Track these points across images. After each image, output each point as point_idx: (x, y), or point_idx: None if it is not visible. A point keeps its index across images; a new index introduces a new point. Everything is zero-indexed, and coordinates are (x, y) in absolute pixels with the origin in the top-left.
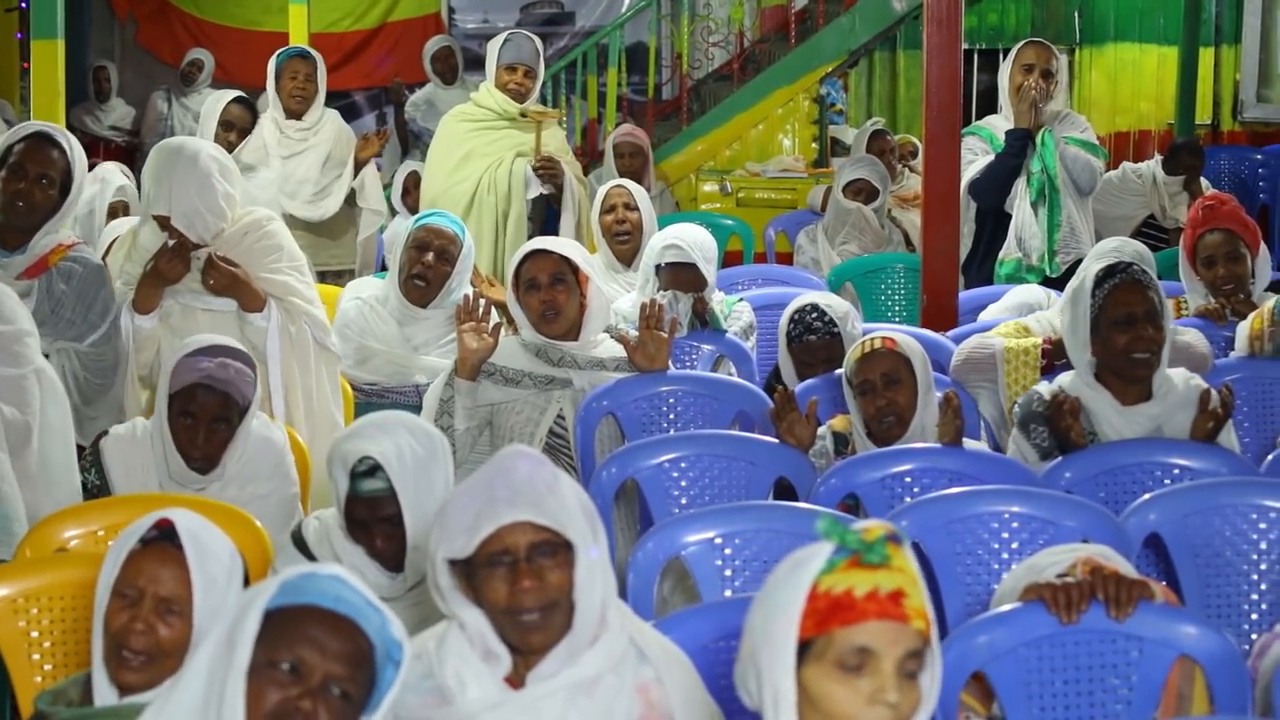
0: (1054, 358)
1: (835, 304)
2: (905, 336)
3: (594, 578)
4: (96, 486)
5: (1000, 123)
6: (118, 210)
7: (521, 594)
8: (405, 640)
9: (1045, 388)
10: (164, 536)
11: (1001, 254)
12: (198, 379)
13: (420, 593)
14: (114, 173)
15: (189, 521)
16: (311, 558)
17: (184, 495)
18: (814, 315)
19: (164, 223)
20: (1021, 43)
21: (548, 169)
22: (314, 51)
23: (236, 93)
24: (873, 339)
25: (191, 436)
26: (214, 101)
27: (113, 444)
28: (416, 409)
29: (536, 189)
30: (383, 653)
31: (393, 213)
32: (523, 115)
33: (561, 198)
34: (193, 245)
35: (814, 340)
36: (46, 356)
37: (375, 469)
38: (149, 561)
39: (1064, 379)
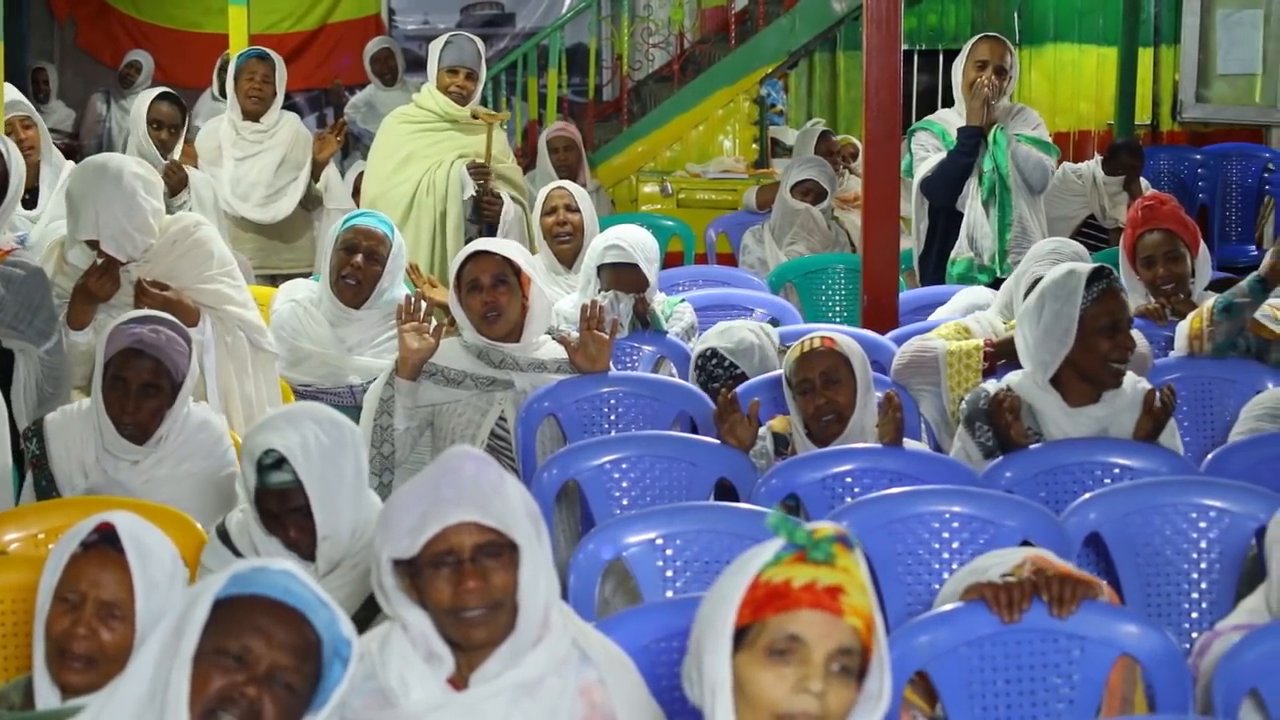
0: (996, 360)
1: (738, 340)
2: (844, 336)
3: (538, 579)
4: (36, 456)
5: (952, 118)
6: None
7: (466, 594)
8: (354, 639)
9: (993, 386)
10: (105, 540)
11: (953, 253)
12: (129, 343)
13: (335, 579)
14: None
15: (130, 524)
16: (236, 551)
17: (123, 499)
18: (714, 363)
19: (93, 244)
20: (975, 38)
21: (480, 172)
22: (273, 53)
23: (161, 89)
24: (812, 338)
25: (122, 403)
26: (140, 102)
27: (56, 418)
28: (351, 410)
29: (470, 190)
30: (330, 649)
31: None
32: (474, 117)
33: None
34: (122, 263)
35: (719, 386)
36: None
37: (281, 461)
38: (90, 565)
39: (1013, 378)
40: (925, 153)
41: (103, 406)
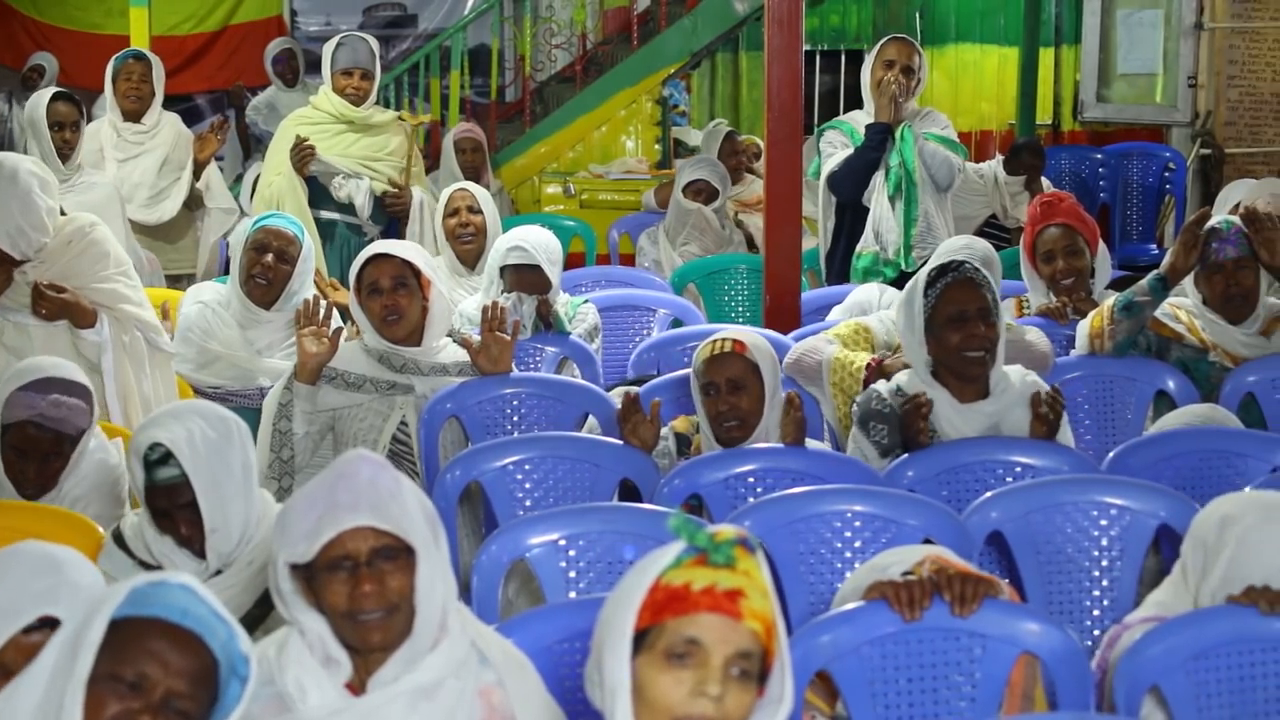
0: (877, 377)
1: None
2: (757, 339)
3: (435, 582)
4: None
5: (863, 118)
6: None
7: (362, 598)
8: (252, 655)
9: (884, 386)
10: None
11: (859, 247)
12: (29, 416)
13: (227, 579)
14: None
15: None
16: (131, 554)
17: (20, 502)
18: None
19: None
20: (884, 39)
21: (396, 203)
22: (149, 53)
23: (54, 89)
24: (724, 340)
25: (23, 470)
26: (34, 106)
27: None
28: (259, 412)
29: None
30: (227, 668)
31: (242, 215)
32: (401, 119)
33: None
34: (16, 261)
35: None
36: None
37: (167, 456)
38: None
39: (902, 377)
40: (833, 149)
41: (1, 466)
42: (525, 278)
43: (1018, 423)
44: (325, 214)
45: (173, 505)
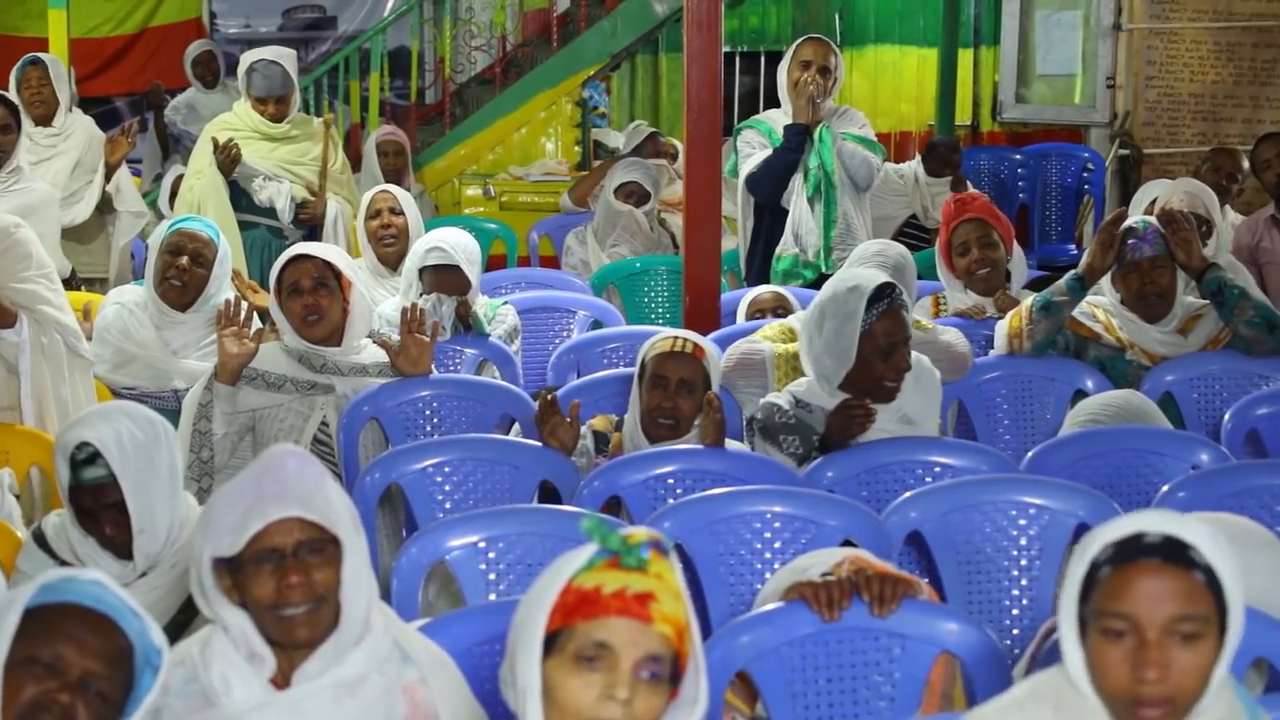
0: None
1: None
2: (713, 347)
3: (360, 576)
4: None
5: (779, 117)
6: None
7: (288, 590)
8: (165, 647)
9: (781, 398)
10: None
11: (778, 249)
12: None
13: (153, 580)
14: None
15: None
16: (53, 554)
17: None
18: None
19: None
20: (801, 39)
21: (307, 214)
22: (46, 56)
23: None
24: (685, 340)
25: None
26: None
27: None
28: (175, 414)
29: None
30: (142, 657)
31: (159, 216)
32: (327, 126)
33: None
34: None
35: None
36: None
37: (95, 456)
38: None
39: (798, 387)
40: (751, 150)
41: None
42: (444, 278)
43: (917, 407)
44: (246, 217)
45: (99, 505)
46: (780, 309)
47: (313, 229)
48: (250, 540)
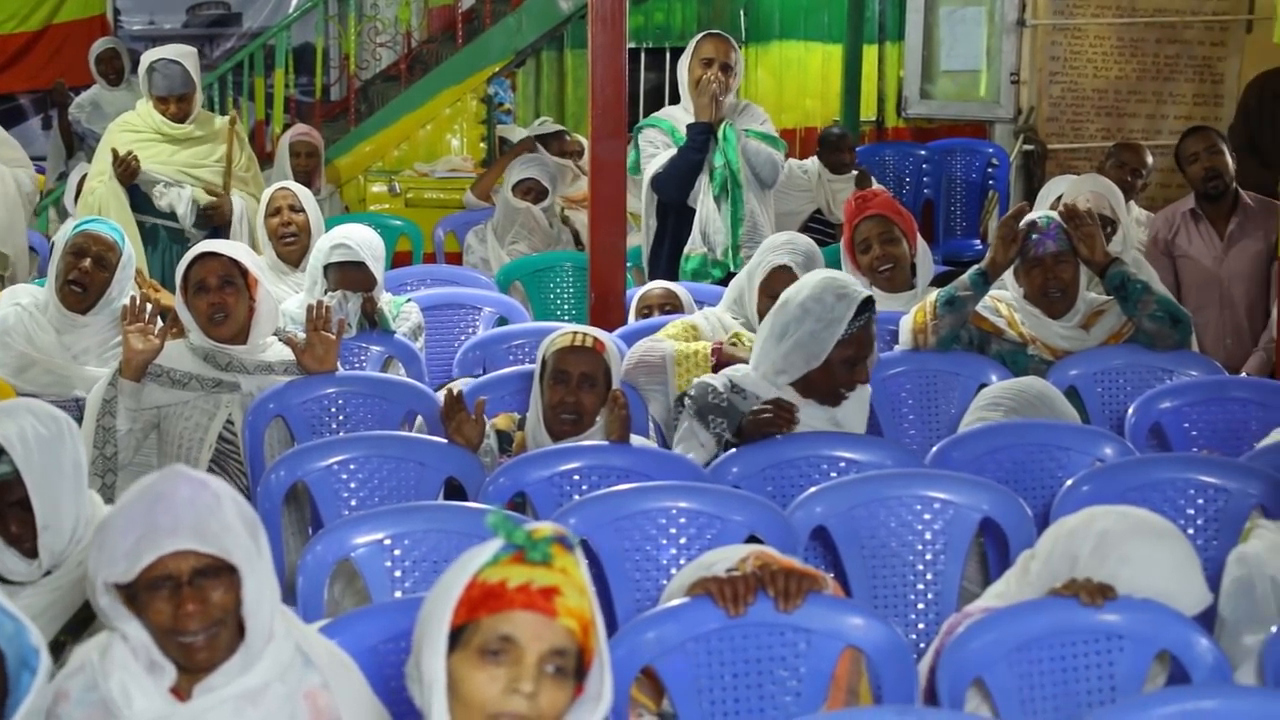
0: (723, 359)
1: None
2: (613, 342)
3: (261, 594)
4: None
5: (680, 114)
6: None
7: (185, 618)
8: (43, 648)
9: (718, 380)
10: None
11: (687, 249)
12: None
13: (57, 578)
14: None
15: None
16: None
17: None
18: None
19: None
20: (699, 35)
21: (214, 212)
22: None
23: None
24: (586, 335)
25: None
26: None
27: None
28: (78, 422)
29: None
30: (16, 661)
31: (63, 216)
32: (232, 124)
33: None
34: None
35: None
36: None
37: None
38: None
39: (736, 372)
40: (654, 149)
41: None
42: (349, 275)
43: (854, 420)
44: (147, 219)
45: (2, 503)
46: (669, 305)
47: (216, 229)
48: (143, 570)
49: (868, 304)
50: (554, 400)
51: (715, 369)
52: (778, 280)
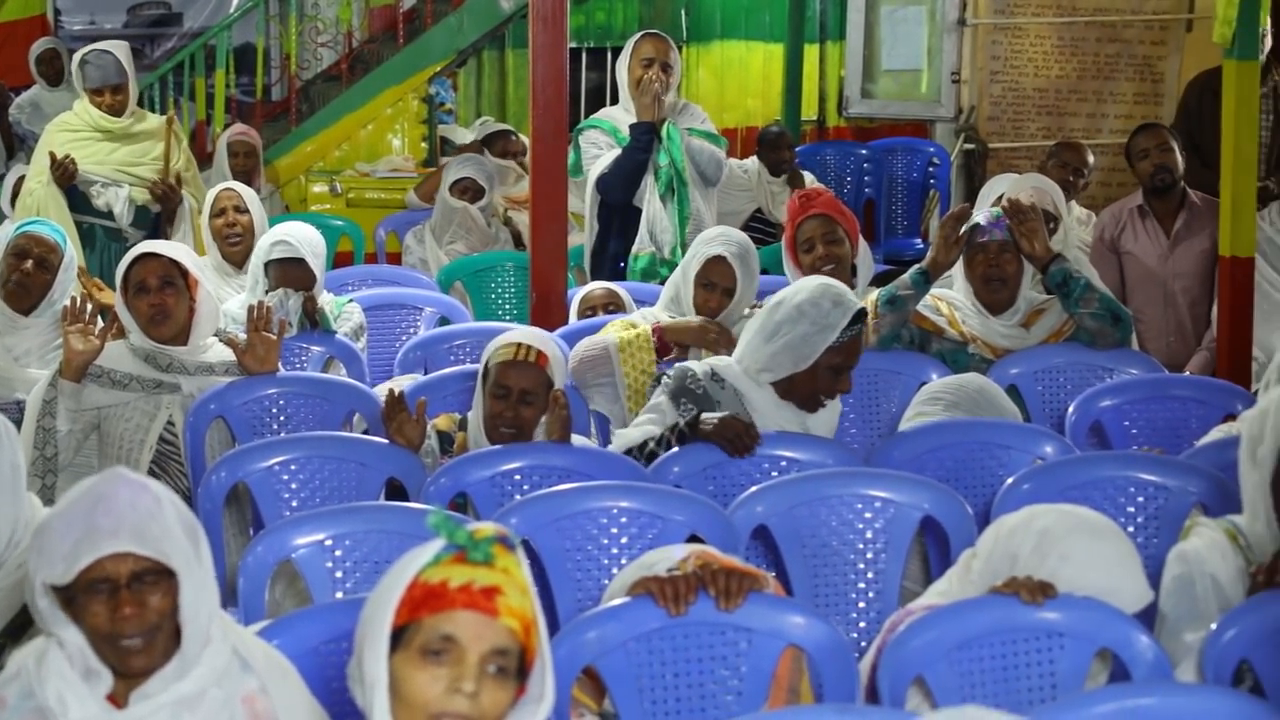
0: (666, 342)
1: None
2: (555, 350)
3: (199, 600)
4: None
5: (621, 115)
6: None
7: (122, 621)
8: None
9: (699, 367)
10: None
11: (635, 248)
12: None
13: None
14: None
15: None
16: None
17: None
18: None
19: None
20: (638, 35)
21: (166, 194)
22: None
23: None
24: (528, 349)
25: None
26: None
27: None
28: (18, 426)
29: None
30: None
31: (1, 217)
32: (170, 124)
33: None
34: None
35: None
36: None
37: None
38: None
39: (719, 362)
40: (597, 150)
41: None
42: (290, 273)
43: (824, 423)
44: (85, 219)
45: None
46: (612, 305)
47: (155, 231)
48: (82, 571)
49: (861, 315)
50: (494, 412)
51: (659, 351)
52: (713, 270)
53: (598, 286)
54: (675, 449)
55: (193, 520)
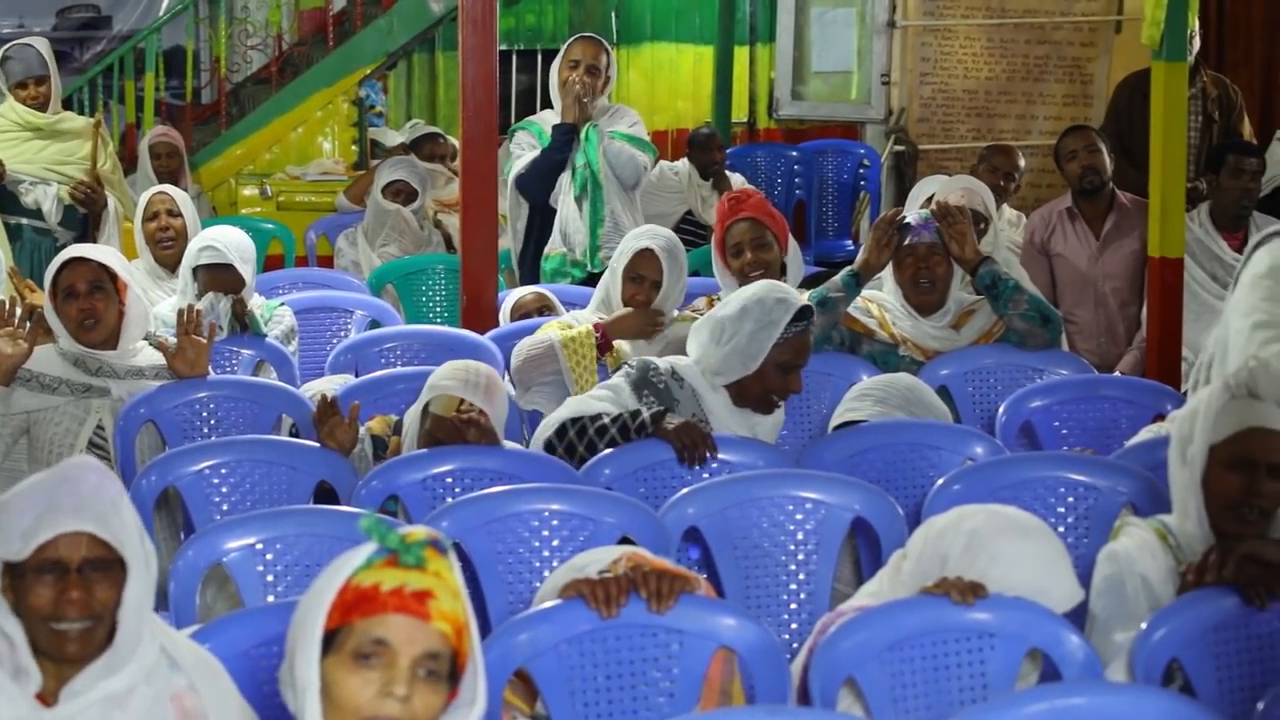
0: (609, 338)
1: None
2: (501, 391)
3: (142, 600)
4: None
5: (551, 118)
6: None
7: (67, 604)
8: None
9: (662, 363)
10: None
11: (547, 249)
12: None
13: None
14: None
15: None
16: None
17: None
18: None
19: None
20: (571, 39)
21: (89, 197)
22: None
23: None
24: (471, 407)
25: None
26: None
27: None
28: None
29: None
30: None
31: None
32: (96, 126)
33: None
34: None
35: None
36: None
37: None
38: None
39: (679, 361)
40: (521, 151)
41: None
42: (218, 277)
43: (768, 430)
44: (11, 219)
45: None
46: (544, 309)
47: (84, 230)
48: (37, 549)
49: (806, 313)
50: (431, 443)
51: (601, 347)
52: (641, 264)
53: (528, 291)
54: (619, 445)
55: (142, 524)
